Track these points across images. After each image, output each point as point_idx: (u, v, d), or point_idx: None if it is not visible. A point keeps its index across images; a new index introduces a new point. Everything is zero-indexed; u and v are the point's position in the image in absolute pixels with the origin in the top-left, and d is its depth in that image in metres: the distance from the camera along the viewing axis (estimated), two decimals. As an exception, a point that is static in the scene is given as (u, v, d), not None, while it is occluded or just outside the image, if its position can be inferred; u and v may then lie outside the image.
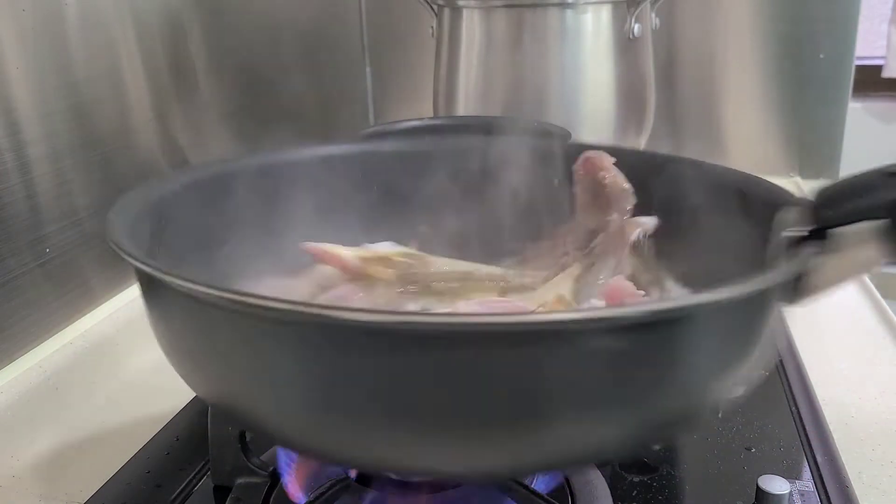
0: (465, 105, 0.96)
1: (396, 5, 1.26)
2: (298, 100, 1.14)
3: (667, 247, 0.47)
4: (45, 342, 0.65)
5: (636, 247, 0.46)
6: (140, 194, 0.42)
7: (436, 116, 1.02)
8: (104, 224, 0.36)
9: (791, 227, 0.33)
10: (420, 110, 1.16)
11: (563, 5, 0.88)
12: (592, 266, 0.45)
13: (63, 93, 0.67)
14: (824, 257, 0.32)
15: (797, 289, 0.32)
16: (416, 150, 0.54)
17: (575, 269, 0.46)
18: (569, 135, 0.79)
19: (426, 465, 0.32)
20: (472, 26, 0.93)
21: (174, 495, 0.47)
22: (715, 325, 0.30)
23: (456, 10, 0.95)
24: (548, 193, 0.49)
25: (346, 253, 0.45)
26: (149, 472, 0.49)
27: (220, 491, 0.46)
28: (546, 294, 0.44)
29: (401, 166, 0.53)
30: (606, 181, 0.46)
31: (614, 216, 0.45)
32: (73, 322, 0.67)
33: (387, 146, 0.55)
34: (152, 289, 0.34)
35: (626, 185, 0.46)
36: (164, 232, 0.41)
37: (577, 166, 0.48)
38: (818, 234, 0.32)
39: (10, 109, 0.61)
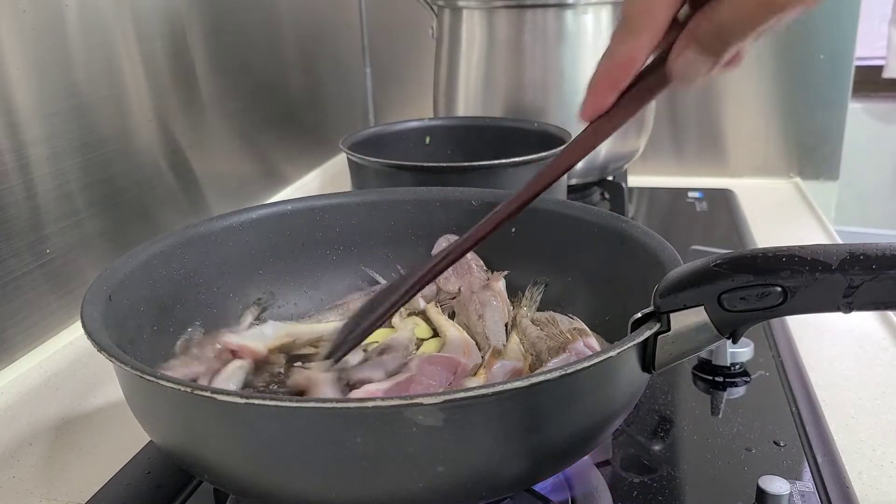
0: (465, 105, 0.96)
1: (396, 5, 1.26)
2: (298, 100, 1.14)
3: (566, 289, 0.56)
4: (45, 342, 0.65)
5: (530, 297, 0.58)
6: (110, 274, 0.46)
7: (436, 117, 1.02)
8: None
9: (637, 311, 0.38)
10: (420, 110, 1.16)
11: (563, 6, 0.88)
12: (483, 315, 0.56)
13: (63, 93, 0.67)
14: (665, 336, 0.37)
15: (646, 359, 0.38)
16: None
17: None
18: (569, 135, 0.79)
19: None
20: (472, 27, 0.93)
21: (174, 495, 0.47)
22: (571, 390, 0.35)
23: (456, 11, 0.95)
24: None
25: (258, 345, 0.53)
26: (149, 472, 0.49)
27: (221, 491, 0.46)
28: (470, 347, 0.54)
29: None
30: (468, 256, 0.60)
31: (475, 277, 0.60)
32: (73, 322, 0.67)
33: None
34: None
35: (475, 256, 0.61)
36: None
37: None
38: (658, 317, 0.37)
39: (11, 110, 0.61)
